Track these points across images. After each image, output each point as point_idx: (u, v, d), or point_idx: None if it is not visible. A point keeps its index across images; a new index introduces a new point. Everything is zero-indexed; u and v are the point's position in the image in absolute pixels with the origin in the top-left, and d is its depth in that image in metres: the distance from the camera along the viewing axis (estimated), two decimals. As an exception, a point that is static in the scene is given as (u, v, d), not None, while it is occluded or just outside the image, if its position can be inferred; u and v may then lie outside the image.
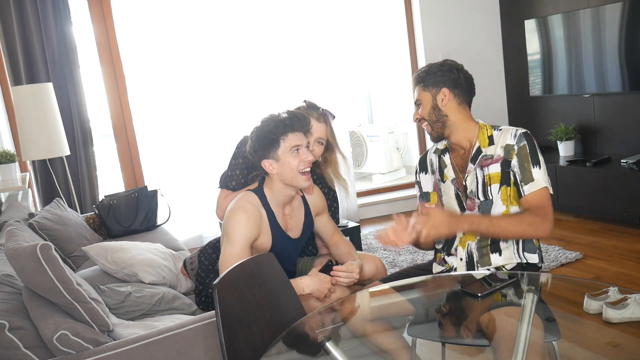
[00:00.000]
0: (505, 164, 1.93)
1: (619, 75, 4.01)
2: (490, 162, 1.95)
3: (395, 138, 5.96)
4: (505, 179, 1.93)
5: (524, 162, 1.91)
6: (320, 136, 2.27)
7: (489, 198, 1.94)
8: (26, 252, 1.73)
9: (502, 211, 1.93)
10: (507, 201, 1.93)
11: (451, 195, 2.04)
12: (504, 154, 1.93)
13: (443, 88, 1.99)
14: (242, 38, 4.64)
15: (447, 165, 2.06)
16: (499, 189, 1.93)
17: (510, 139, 1.94)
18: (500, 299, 1.77)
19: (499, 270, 1.92)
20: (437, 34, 4.97)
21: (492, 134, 1.99)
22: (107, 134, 4.84)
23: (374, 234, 2.10)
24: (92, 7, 4.27)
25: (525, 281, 1.84)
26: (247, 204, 2.02)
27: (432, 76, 2.00)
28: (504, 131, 1.98)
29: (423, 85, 2.02)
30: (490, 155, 1.96)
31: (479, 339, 1.68)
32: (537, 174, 1.90)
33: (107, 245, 2.64)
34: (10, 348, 1.65)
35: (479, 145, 1.98)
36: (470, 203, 1.98)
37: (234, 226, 1.99)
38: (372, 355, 1.78)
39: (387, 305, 1.99)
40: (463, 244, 1.99)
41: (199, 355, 1.77)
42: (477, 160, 1.97)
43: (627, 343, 1.88)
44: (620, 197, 3.84)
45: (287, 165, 2.00)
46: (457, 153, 2.05)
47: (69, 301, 1.75)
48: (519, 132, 1.95)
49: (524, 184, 1.90)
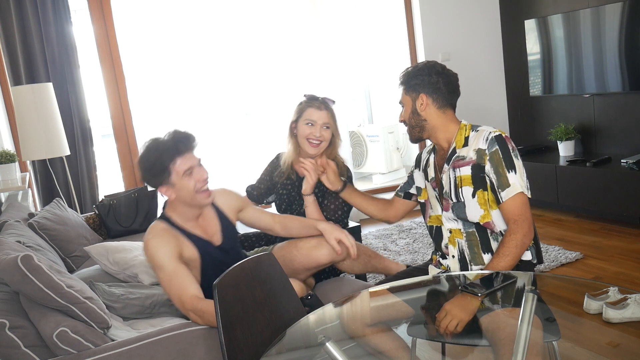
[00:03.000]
0: (477, 168, 1.91)
1: (619, 75, 4.01)
2: (462, 163, 1.94)
3: (395, 138, 5.96)
4: (479, 183, 1.92)
5: (499, 168, 1.89)
6: (324, 122, 2.42)
7: (461, 200, 1.94)
8: (9, 265, 1.71)
9: (481, 214, 1.93)
10: (485, 205, 1.92)
11: (432, 194, 2.08)
12: (476, 158, 1.92)
13: (421, 94, 1.97)
14: (242, 38, 4.64)
15: (430, 165, 2.09)
16: (474, 193, 1.92)
17: (482, 142, 1.91)
18: (500, 299, 1.77)
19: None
20: (437, 34, 4.97)
21: (469, 134, 1.98)
22: (107, 134, 4.84)
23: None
24: (92, 7, 4.27)
25: (525, 281, 1.84)
26: (155, 230, 1.96)
27: (413, 79, 1.98)
28: (479, 132, 1.95)
29: (405, 89, 2.02)
30: (462, 156, 1.95)
31: (479, 339, 1.68)
32: (512, 179, 1.88)
33: (109, 245, 2.63)
34: (11, 347, 1.66)
35: (455, 146, 1.99)
36: (445, 204, 2.00)
37: (154, 252, 1.91)
38: (372, 355, 1.77)
39: (385, 307, 1.97)
40: (453, 242, 2.00)
41: (199, 355, 1.77)
42: (451, 161, 1.98)
43: (627, 343, 1.88)
44: (620, 197, 3.83)
45: (184, 188, 1.94)
46: (439, 153, 2.07)
47: (63, 304, 1.75)
48: (492, 135, 1.91)
49: (501, 190, 1.89)
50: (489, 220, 1.93)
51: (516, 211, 1.89)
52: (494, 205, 1.92)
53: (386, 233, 4.44)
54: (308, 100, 2.47)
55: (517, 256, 1.88)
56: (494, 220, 1.93)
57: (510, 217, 1.90)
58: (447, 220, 2.01)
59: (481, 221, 1.93)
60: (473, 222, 1.95)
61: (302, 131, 2.42)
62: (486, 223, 1.93)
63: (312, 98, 2.48)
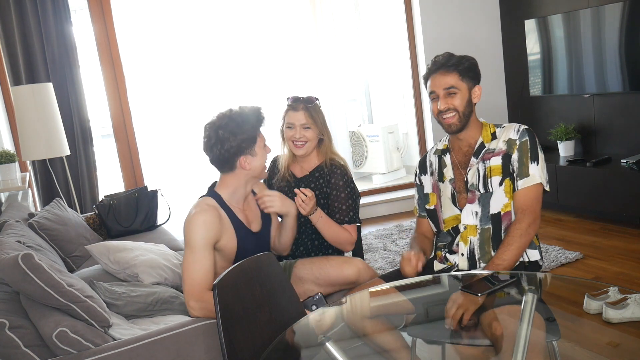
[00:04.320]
0: (506, 158, 1.96)
1: (619, 75, 4.01)
2: (492, 155, 1.98)
3: (395, 138, 5.96)
4: (507, 172, 1.96)
5: (523, 157, 1.94)
6: (302, 123, 2.40)
7: (489, 190, 1.97)
8: (10, 264, 1.71)
9: (504, 203, 1.95)
10: (509, 193, 1.96)
11: (448, 195, 2.07)
12: (506, 148, 1.97)
13: (477, 84, 2.01)
14: (241, 38, 4.64)
15: (447, 165, 2.08)
16: (502, 181, 1.96)
17: (514, 133, 1.98)
18: (500, 299, 1.77)
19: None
20: (437, 34, 4.97)
21: (494, 130, 2.04)
22: (107, 134, 4.84)
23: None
24: (92, 7, 4.27)
25: (526, 281, 1.84)
26: (203, 206, 1.99)
27: (471, 69, 1.99)
28: (506, 127, 2.02)
29: (460, 75, 1.97)
30: (492, 149, 2.00)
31: (479, 339, 1.68)
32: (533, 170, 1.94)
33: (110, 244, 2.63)
34: (10, 347, 1.66)
35: (482, 141, 2.02)
36: (471, 196, 2.00)
37: (192, 230, 1.94)
38: (372, 355, 1.78)
39: (387, 305, 1.98)
40: (465, 240, 2.00)
41: (199, 355, 1.77)
42: (480, 155, 2.00)
43: (627, 343, 1.88)
44: (620, 197, 3.84)
45: (261, 159, 2.04)
46: (461, 150, 2.07)
47: (64, 303, 1.74)
48: (522, 128, 1.99)
49: (519, 179, 1.94)
50: (510, 209, 1.96)
51: (527, 202, 1.93)
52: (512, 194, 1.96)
53: (386, 233, 4.44)
54: (288, 103, 2.48)
55: (521, 245, 1.89)
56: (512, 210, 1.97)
57: (519, 207, 1.93)
58: (466, 215, 2.01)
59: (503, 210, 1.96)
60: (493, 214, 1.96)
61: (286, 135, 2.45)
62: (506, 213, 1.96)
63: (292, 100, 2.47)
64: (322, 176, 2.44)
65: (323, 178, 2.44)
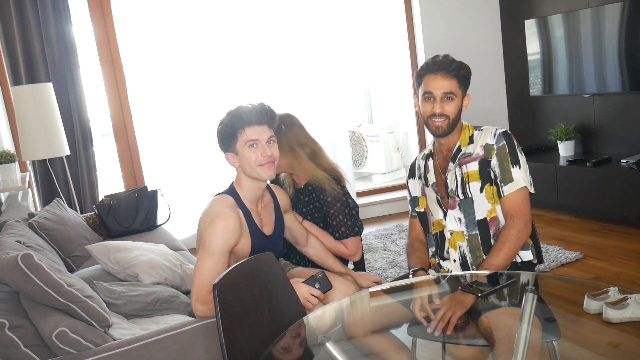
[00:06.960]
0: (484, 163, 1.95)
1: (619, 75, 4.01)
2: (469, 159, 1.97)
3: (395, 138, 5.96)
4: (486, 178, 1.95)
5: (504, 162, 1.93)
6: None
7: (468, 196, 1.96)
8: (9, 265, 1.71)
9: (488, 209, 1.95)
10: (492, 199, 1.96)
11: (433, 199, 2.08)
12: (484, 153, 1.96)
13: (468, 94, 2.01)
14: (241, 38, 4.63)
15: (430, 170, 2.10)
16: (482, 188, 1.95)
17: (490, 138, 1.96)
18: (499, 299, 1.77)
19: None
20: (437, 34, 4.97)
21: (472, 133, 2.02)
22: (107, 134, 4.84)
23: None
24: (92, 7, 4.27)
25: (525, 281, 1.84)
26: (225, 210, 1.92)
27: (466, 77, 1.98)
28: (484, 131, 2.00)
29: (459, 81, 1.96)
30: (469, 153, 1.99)
31: (479, 339, 1.68)
32: (516, 174, 1.93)
33: (110, 244, 2.63)
34: (10, 347, 1.66)
35: (459, 145, 2.01)
36: (451, 202, 2.00)
37: (212, 234, 1.88)
38: (372, 355, 1.77)
39: (386, 312, 1.96)
40: (454, 245, 2.01)
41: (199, 355, 1.77)
42: (457, 159, 2.00)
43: (627, 343, 1.87)
44: (620, 197, 3.84)
45: (245, 159, 1.94)
46: (442, 154, 2.07)
47: (63, 303, 1.74)
48: (499, 131, 1.97)
49: (503, 185, 1.93)
50: (496, 215, 1.95)
51: (515, 207, 1.92)
52: (497, 199, 1.95)
53: (386, 233, 4.44)
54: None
55: (510, 251, 1.89)
56: (499, 215, 1.96)
57: (508, 212, 1.93)
58: (450, 221, 2.01)
59: (488, 216, 1.95)
60: (479, 220, 1.96)
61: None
62: (493, 218, 1.95)
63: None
64: (314, 190, 2.40)
65: (315, 192, 2.40)
